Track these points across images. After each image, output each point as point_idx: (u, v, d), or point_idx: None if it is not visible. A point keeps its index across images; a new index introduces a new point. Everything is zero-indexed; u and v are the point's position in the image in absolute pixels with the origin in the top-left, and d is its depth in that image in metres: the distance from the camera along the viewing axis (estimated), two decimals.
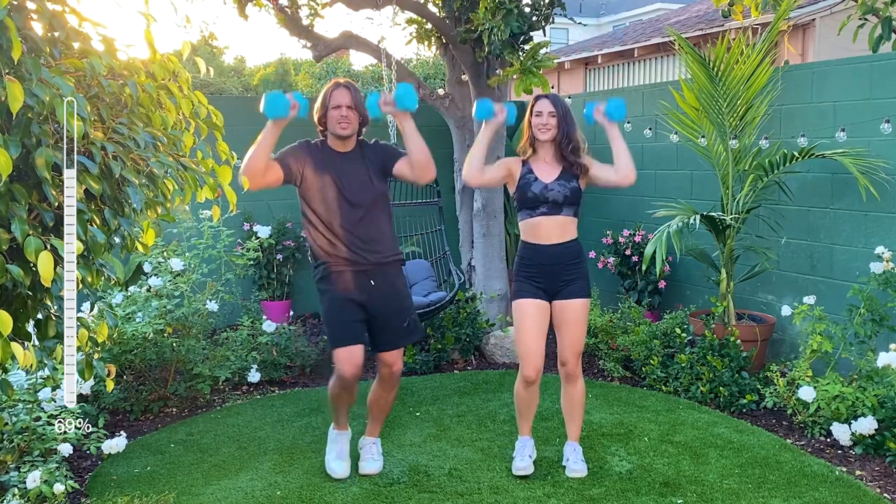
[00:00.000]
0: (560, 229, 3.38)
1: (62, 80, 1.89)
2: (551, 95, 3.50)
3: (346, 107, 3.30)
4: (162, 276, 4.51)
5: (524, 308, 3.39)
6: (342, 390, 3.35)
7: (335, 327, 3.32)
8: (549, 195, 3.35)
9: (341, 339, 3.29)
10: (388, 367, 3.41)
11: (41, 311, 2.22)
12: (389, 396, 3.52)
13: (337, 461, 3.47)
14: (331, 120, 3.33)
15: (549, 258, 3.37)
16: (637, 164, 5.99)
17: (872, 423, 3.58)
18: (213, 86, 15.11)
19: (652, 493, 3.26)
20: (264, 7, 5.76)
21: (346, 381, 3.28)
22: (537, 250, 3.39)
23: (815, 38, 9.81)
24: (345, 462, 3.47)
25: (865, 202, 4.33)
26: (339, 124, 3.31)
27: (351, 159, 3.37)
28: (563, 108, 3.44)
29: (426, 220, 5.88)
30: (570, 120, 3.45)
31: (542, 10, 5.15)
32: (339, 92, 3.33)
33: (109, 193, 2.12)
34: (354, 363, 3.26)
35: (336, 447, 3.52)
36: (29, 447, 3.28)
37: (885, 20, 5.03)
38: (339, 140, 3.37)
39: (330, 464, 3.48)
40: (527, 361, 3.36)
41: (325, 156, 3.36)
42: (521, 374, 3.40)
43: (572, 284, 3.38)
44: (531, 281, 3.39)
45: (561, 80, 13.89)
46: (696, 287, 5.59)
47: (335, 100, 3.32)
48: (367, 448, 3.55)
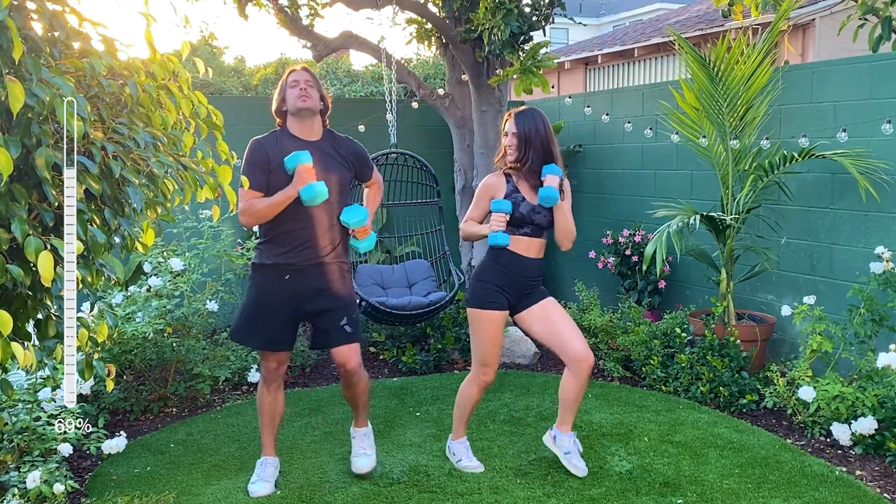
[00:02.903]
0: (537, 248, 3.40)
1: (62, 80, 1.89)
2: (519, 115, 3.34)
3: (304, 81, 3.22)
4: (162, 276, 4.51)
5: (494, 318, 3.35)
6: (265, 389, 3.36)
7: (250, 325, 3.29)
8: (536, 219, 3.32)
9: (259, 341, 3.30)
10: (342, 366, 3.33)
11: (41, 311, 2.22)
12: (356, 390, 3.40)
13: (257, 482, 3.32)
14: (290, 99, 3.23)
15: (526, 269, 3.37)
16: (637, 164, 6.08)
17: (872, 423, 3.58)
18: (213, 86, 15.10)
19: (652, 493, 3.26)
20: (264, 7, 5.76)
21: (268, 375, 3.32)
22: (518, 261, 3.35)
23: (815, 38, 9.81)
24: (268, 482, 3.32)
25: (865, 202, 4.33)
26: (299, 98, 3.19)
27: (319, 151, 3.23)
28: (527, 130, 3.29)
29: (426, 220, 5.89)
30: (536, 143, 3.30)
31: (542, 10, 5.15)
32: (295, 73, 3.28)
33: (109, 193, 2.12)
34: (277, 359, 3.29)
35: (261, 470, 3.38)
36: (29, 447, 3.28)
37: (885, 20, 5.03)
38: (302, 121, 3.24)
39: (249, 486, 3.33)
40: (492, 368, 3.39)
41: (292, 143, 3.22)
42: (482, 380, 3.40)
43: (532, 294, 3.40)
44: (501, 290, 3.35)
45: (561, 80, 13.88)
46: (696, 287, 5.59)
47: (292, 77, 3.25)
48: (360, 440, 3.51)
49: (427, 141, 6.72)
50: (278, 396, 3.39)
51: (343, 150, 3.34)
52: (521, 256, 3.35)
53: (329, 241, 3.26)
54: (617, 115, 6.18)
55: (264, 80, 14.89)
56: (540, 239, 3.39)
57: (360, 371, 3.35)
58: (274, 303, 3.25)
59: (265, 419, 3.41)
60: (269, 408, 3.38)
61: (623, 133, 6.07)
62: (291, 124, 3.29)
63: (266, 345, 3.29)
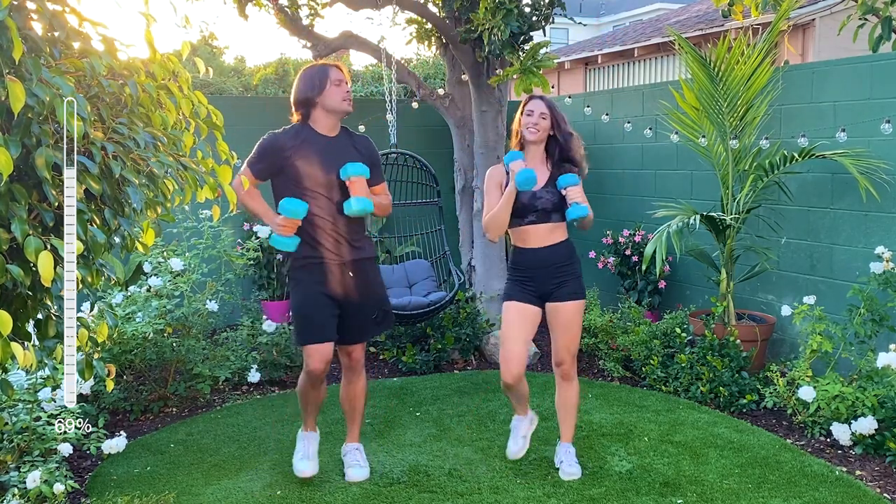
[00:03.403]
0: (549, 234, 3.34)
1: (62, 80, 1.89)
2: (547, 98, 3.41)
3: (346, 83, 3.22)
4: (162, 276, 4.51)
5: (509, 311, 3.36)
6: (310, 386, 3.32)
7: (307, 322, 3.26)
8: (539, 203, 3.30)
9: (313, 335, 3.24)
10: (346, 355, 3.37)
11: (41, 311, 2.22)
12: (356, 389, 3.43)
13: (303, 460, 3.38)
14: (333, 96, 3.19)
15: (540, 261, 3.33)
16: (637, 164, 6.08)
17: (872, 423, 3.58)
18: (213, 86, 15.09)
19: (652, 493, 3.26)
20: (264, 7, 5.76)
21: (314, 376, 3.25)
22: (527, 254, 3.35)
23: (815, 38, 9.81)
24: (311, 461, 3.38)
25: (865, 202, 4.33)
26: (346, 100, 3.20)
27: (342, 145, 3.25)
28: (557, 112, 3.35)
29: (426, 220, 5.89)
30: (566, 126, 3.37)
31: (542, 10, 5.15)
32: (336, 69, 3.23)
33: (109, 193, 2.12)
34: (323, 359, 3.23)
35: (303, 446, 3.44)
36: (29, 447, 3.28)
37: (885, 20, 5.03)
38: (332, 122, 3.24)
39: (296, 463, 3.40)
40: (505, 367, 3.31)
41: (315, 139, 3.23)
42: (502, 379, 3.37)
43: (563, 287, 3.34)
44: (522, 285, 3.35)
45: (561, 80, 13.89)
46: (696, 287, 5.59)
47: (336, 74, 3.20)
48: (352, 454, 3.48)
49: (427, 141, 6.72)
50: (322, 389, 3.38)
51: (361, 147, 3.33)
52: (528, 249, 3.34)
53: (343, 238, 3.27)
54: (617, 115, 6.18)
55: (264, 80, 14.89)
56: (549, 224, 3.32)
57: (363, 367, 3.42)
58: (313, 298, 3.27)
59: (309, 407, 3.42)
60: (315, 398, 3.39)
61: (623, 133, 6.07)
62: (319, 118, 3.25)
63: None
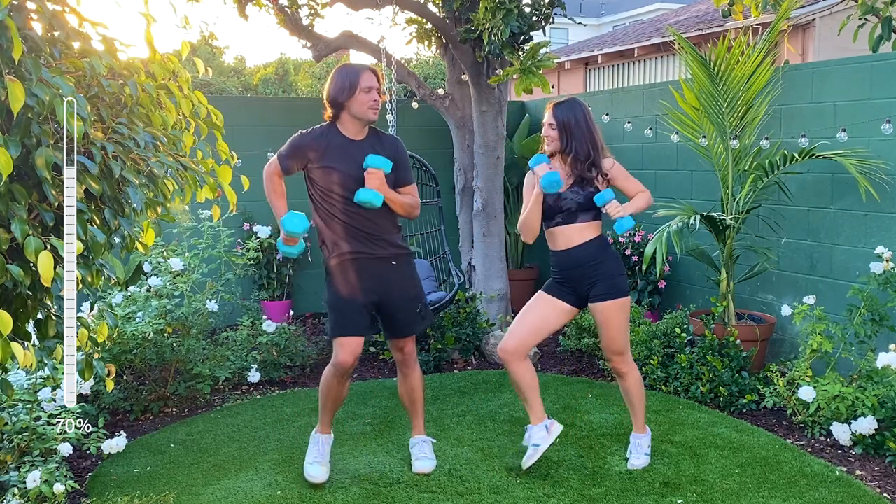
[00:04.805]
0: (578, 234, 3.38)
1: (62, 80, 1.89)
2: (558, 106, 3.39)
3: (376, 90, 3.22)
4: (162, 276, 4.52)
5: (534, 298, 3.50)
6: (336, 379, 3.32)
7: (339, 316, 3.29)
8: (563, 204, 3.35)
9: (344, 328, 3.27)
10: (399, 351, 3.45)
11: (41, 311, 2.22)
12: (413, 382, 3.50)
13: (314, 465, 3.38)
14: (360, 104, 3.20)
15: (570, 262, 3.39)
16: (637, 164, 6.08)
17: (872, 423, 3.58)
18: (213, 86, 15.11)
19: (652, 493, 3.26)
20: (264, 7, 5.76)
21: (342, 368, 3.26)
22: (558, 256, 3.43)
23: (815, 38, 9.82)
24: (323, 466, 3.38)
25: (865, 202, 4.33)
26: (372, 109, 3.22)
27: (366, 148, 3.27)
28: (566, 119, 3.34)
29: (426, 220, 5.88)
30: (578, 132, 3.34)
31: (542, 10, 5.15)
32: (369, 75, 3.22)
33: (109, 193, 2.12)
34: (353, 352, 3.25)
35: (315, 449, 3.45)
36: (29, 447, 3.28)
37: (885, 20, 5.03)
38: (358, 126, 3.28)
39: (307, 467, 3.39)
40: (511, 341, 3.40)
41: (339, 142, 3.26)
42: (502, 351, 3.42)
43: (596, 287, 3.37)
44: (559, 284, 3.46)
45: (561, 80, 13.89)
46: (696, 287, 5.59)
47: (367, 81, 3.20)
48: (419, 447, 3.56)
49: (427, 141, 6.72)
50: (346, 386, 3.40)
51: (387, 147, 3.33)
52: (558, 251, 3.42)
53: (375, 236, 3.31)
54: (617, 115, 6.18)
55: (264, 80, 14.91)
56: (577, 224, 3.36)
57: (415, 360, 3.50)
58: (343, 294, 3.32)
59: (329, 404, 3.42)
60: (337, 394, 3.39)
61: (623, 133, 6.07)
62: (346, 121, 3.27)
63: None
